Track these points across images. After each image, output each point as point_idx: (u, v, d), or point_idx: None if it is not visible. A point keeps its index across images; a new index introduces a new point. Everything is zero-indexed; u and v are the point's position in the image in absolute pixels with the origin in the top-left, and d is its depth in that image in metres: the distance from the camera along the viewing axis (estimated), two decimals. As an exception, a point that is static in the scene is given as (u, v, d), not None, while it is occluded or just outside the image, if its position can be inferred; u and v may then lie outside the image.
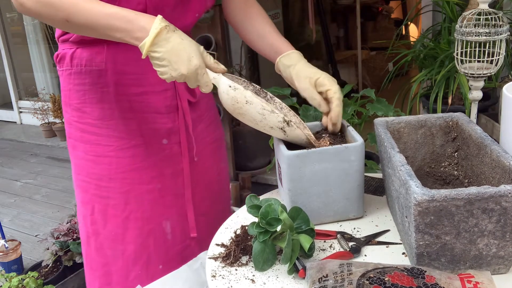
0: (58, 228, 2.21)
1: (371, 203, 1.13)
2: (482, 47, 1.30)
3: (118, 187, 1.14)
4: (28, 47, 5.11)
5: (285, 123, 0.94)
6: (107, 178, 1.13)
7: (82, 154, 1.14)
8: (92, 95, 1.10)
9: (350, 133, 1.05)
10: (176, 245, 1.21)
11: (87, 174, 1.15)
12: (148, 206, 1.16)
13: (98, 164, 1.13)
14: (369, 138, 1.64)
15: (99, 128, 1.12)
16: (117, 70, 1.08)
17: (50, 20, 0.96)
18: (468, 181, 1.01)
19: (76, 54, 1.09)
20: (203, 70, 0.93)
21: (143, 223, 1.16)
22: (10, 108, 5.29)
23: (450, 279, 0.76)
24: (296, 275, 0.89)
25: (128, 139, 1.12)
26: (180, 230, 1.21)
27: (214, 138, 1.29)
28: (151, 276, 1.17)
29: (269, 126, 0.96)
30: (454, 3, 2.31)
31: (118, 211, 1.15)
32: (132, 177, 1.14)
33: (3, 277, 2.03)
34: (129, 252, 1.16)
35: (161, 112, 1.14)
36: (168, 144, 1.16)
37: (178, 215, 1.21)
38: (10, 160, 4.19)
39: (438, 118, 1.07)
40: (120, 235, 1.16)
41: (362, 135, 1.05)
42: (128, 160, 1.13)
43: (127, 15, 0.91)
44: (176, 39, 0.90)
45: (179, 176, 1.19)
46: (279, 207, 0.90)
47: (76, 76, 1.10)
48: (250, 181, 2.95)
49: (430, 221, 0.77)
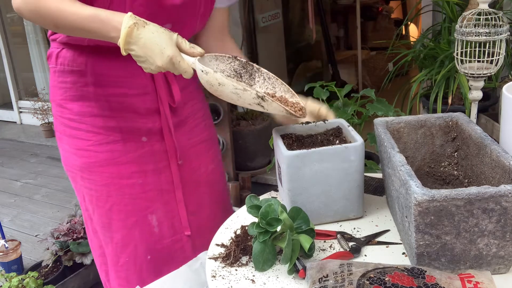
0: (58, 228, 2.21)
1: (371, 203, 1.13)
2: (482, 47, 1.30)
3: (99, 180, 1.18)
4: (28, 47, 5.10)
5: (260, 98, 0.94)
6: (87, 171, 1.18)
7: (67, 146, 1.20)
8: (73, 93, 1.15)
9: (350, 133, 1.05)
10: (165, 239, 1.24)
11: (72, 166, 1.20)
12: (130, 200, 1.19)
13: (79, 157, 1.18)
14: (369, 138, 1.64)
15: (79, 123, 1.16)
16: (97, 72, 1.12)
17: (44, 25, 1.03)
18: (468, 181, 1.01)
19: (61, 53, 1.14)
20: (178, 58, 0.94)
21: (126, 215, 1.20)
22: (10, 108, 5.29)
23: (450, 279, 0.76)
24: (296, 275, 0.89)
25: (105, 134, 1.16)
26: (168, 224, 1.24)
27: (200, 140, 1.29)
28: (139, 265, 1.22)
29: (247, 103, 0.97)
30: (454, 3, 2.31)
31: (101, 202, 1.19)
32: (111, 171, 1.17)
33: (3, 277, 2.03)
34: (116, 239, 1.21)
35: (141, 113, 1.17)
36: (148, 141, 1.19)
37: (164, 210, 1.23)
38: (10, 160, 4.19)
39: (438, 118, 1.07)
40: (107, 224, 1.21)
41: (362, 135, 1.05)
42: (106, 155, 1.16)
43: (102, 16, 0.95)
44: (146, 34, 0.92)
45: (162, 173, 1.21)
46: (279, 207, 0.90)
47: (59, 74, 1.15)
48: (250, 181, 2.95)
49: (430, 221, 0.77)
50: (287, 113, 0.98)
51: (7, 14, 5.14)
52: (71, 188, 1.29)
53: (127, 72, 1.13)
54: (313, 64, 4.46)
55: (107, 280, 1.29)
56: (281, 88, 1.06)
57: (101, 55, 1.11)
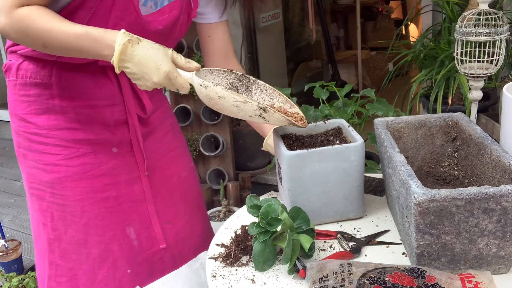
0: (58, 228, 2.21)
1: (371, 203, 1.13)
2: (482, 47, 1.30)
3: (72, 195, 1.13)
4: (28, 47, 5.10)
5: (261, 110, 0.94)
6: (59, 186, 1.12)
7: (32, 163, 1.14)
8: (37, 106, 1.10)
9: (350, 133, 1.05)
10: (145, 251, 1.20)
11: (40, 182, 1.14)
12: (106, 214, 1.15)
13: (48, 173, 1.12)
14: (369, 138, 1.64)
15: (45, 138, 1.11)
16: (63, 84, 1.09)
17: (32, 46, 1.00)
18: (468, 181, 1.01)
19: (22, 65, 1.10)
20: (174, 74, 0.94)
21: (103, 229, 1.15)
22: (10, 108, 5.28)
23: (451, 279, 0.76)
24: (296, 275, 0.89)
25: (75, 148, 1.12)
26: (146, 236, 1.20)
27: (171, 148, 1.27)
28: (119, 280, 1.17)
29: (248, 115, 0.96)
30: (454, 3, 2.31)
31: (76, 218, 1.14)
32: (85, 186, 1.13)
33: (3, 277, 2.03)
34: (94, 255, 1.16)
35: (110, 125, 1.14)
36: (119, 152, 1.16)
37: (141, 221, 1.20)
38: (10, 160, 4.19)
39: (438, 118, 1.07)
40: (82, 240, 1.15)
41: (362, 135, 1.05)
42: (78, 169, 1.12)
43: (94, 34, 0.92)
44: (141, 51, 0.91)
45: (135, 183, 1.18)
46: (279, 207, 0.90)
47: (20, 87, 1.11)
48: (250, 181, 2.95)
49: (430, 221, 0.77)
50: (289, 123, 0.98)
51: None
52: None
53: (94, 83, 1.10)
54: (313, 64, 4.46)
55: None
56: (279, 99, 1.06)
57: (66, 66, 1.08)
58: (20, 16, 0.93)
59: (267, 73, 3.80)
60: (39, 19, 0.93)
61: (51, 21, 0.93)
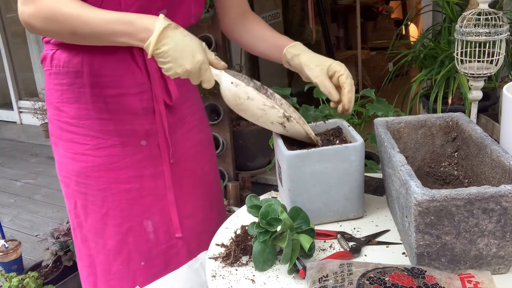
0: (58, 228, 2.21)
1: (371, 203, 1.13)
2: (482, 47, 1.30)
3: (95, 185, 1.15)
4: (28, 47, 5.11)
5: (285, 118, 0.95)
6: (84, 176, 1.15)
7: (62, 151, 1.17)
8: (69, 95, 1.12)
9: (350, 133, 1.05)
10: (160, 245, 1.21)
11: (67, 171, 1.17)
12: (127, 205, 1.17)
13: (76, 162, 1.15)
14: (369, 138, 1.64)
15: (76, 127, 1.14)
16: (94, 72, 1.10)
17: (58, 35, 1.00)
18: (468, 181, 1.01)
19: (55, 55, 1.12)
20: (206, 66, 0.94)
21: (122, 220, 1.17)
22: (10, 108, 5.29)
23: (451, 279, 0.76)
24: (296, 275, 0.89)
25: (103, 139, 1.14)
26: (164, 230, 1.21)
27: (197, 142, 1.28)
28: (133, 273, 1.19)
29: (270, 121, 0.96)
30: (454, 3, 2.31)
31: (96, 207, 1.17)
32: (109, 176, 1.15)
33: (3, 277, 2.03)
34: (109, 246, 1.18)
35: (138, 114, 1.15)
36: (147, 145, 1.17)
37: (160, 215, 1.21)
38: (10, 160, 4.19)
39: (438, 118, 1.07)
40: (100, 230, 1.18)
41: (362, 135, 1.05)
42: (104, 159, 1.14)
43: (129, 18, 0.93)
44: (179, 36, 0.92)
45: (159, 177, 1.19)
46: (279, 207, 0.90)
47: (55, 76, 1.13)
48: (250, 181, 2.95)
49: (430, 221, 0.77)
50: (306, 137, 0.98)
51: (7, 14, 5.14)
52: None
53: (123, 70, 1.11)
54: (313, 64, 4.46)
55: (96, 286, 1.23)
56: (294, 115, 1.06)
57: (97, 54, 1.09)
58: (47, 2, 0.94)
59: (267, 73, 3.80)
60: (68, 4, 0.94)
61: (81, 6, 0.94)
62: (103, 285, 1.21)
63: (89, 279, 1.23)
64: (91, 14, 0.94)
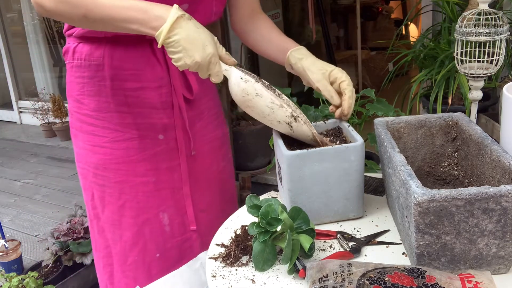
0: (58, 228, 2.21)
1: (371, 203, 1.13)
2: (482, 47, 1.30)
3: (113, 177, 1.17)
4: (28, 47, 5.11)
5: (293, 118, 0.95)
6: (102, 168, 1.17)
7: (81, 143, 1.19)
8: (90, 87, 1.14)
9: (350, 133, 1.05)
10: (175, 237, 1.24)
11: (85, 162, 1.20)
12: (143, 197, 1.19)
13: (94, 154, 1.17)
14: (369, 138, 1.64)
15: (95, 120, 1.16)
16: (114, 65, 1.11)
17: (69, 18, 0.99)
18: (468, 181, 1.01)
19: (77, 48, 1.14)
20: (216, 59, 0.95)
21: (138, 212, 1.19)
22: (10, 108, 5.29)
23: (451, 279, 0.76)
24: (296, 275, 0.89)
25: (122, 132, 1.15)
26: (179, 223, 1.24)
27: (214, 137, 1.30)
28: (148, 264, 1.22)
29: (277, 120, 0.96)
30: (454, 3, 2.31)
31: (113, 199, 1.19)
32: (126, 169, 1.17)
33: (3, 277, 2.03)
34: (126, 237, 1.20)
35: (157, 108, 1.16)
36: (165, 139, 1.18)
37: (176, 208, 1.23)
38: (10, 160, 4.19)
39: (438, 118, 1.07)
40: (117, 221, 1.20)
41: (362, 135, 1.05)
42: (122, 152, 1.16)
43: (143, 5, 0.94)
44: (191, 27, 0.93)
45: (176, 171, 1.21)
46: (279, 207, 0.90)
47: (76, 69, 1.15)
48: (250, 181, 2.95)
49: (430, 221, 0.77)
50: (312, 139, 0.98)
51: (7, 14, 5.14)
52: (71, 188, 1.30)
53: (143, 64, 1.12)
54: (313, 64, 4.46)
55: (111, 283, 1.26)
56: (301, 116, 1.06)
57: (118, 47, 1.11)
58: None
59: (267, 73, 3.80)
60: None
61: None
62: (119, 275, 1.23)
63: (106, 270, 1.25)
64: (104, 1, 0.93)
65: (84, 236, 2.20)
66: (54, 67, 5.16)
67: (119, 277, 1.24)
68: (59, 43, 4.99)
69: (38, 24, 5.02)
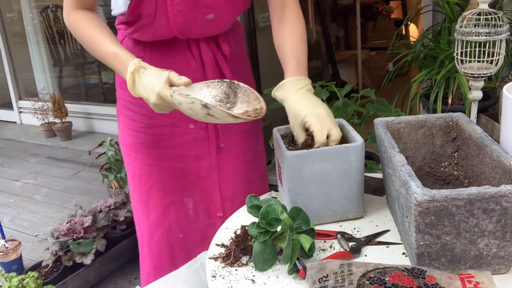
0: (58, 228, 2.21)
1: (371, 203, 1.13)
2: (482, 47, 1.30)
3: (143, 159, 1.29)
4: (28, 47, 5.10)
5: (205, 108, 0.95)
6: (135, 150, 1.30)
7: (122, 125, 1.33)
8: None
9: (350, 133, 1.05)
10: (199, 222, 1.33)
11: (124, 144, 1.33)
12: (169, 181, 1.29)
13: (130, 137, 1.30)
14: (369, 138, 1.64)
15: (134, 106, 1.27)
16: (153, 58, 1.20)
17: None
18: (468, 181, 1.01)
19: (124, 41, 1.26)
20: (165, 93, 1.00)
21: (164, 194, 1.30)
22: (10, 108, 5.29)
23: (451, 279, 0.76)
24: (296, 275, 0.89)
25: (156, 119, 1.25)
26: (203, 210, 1.33)
27: (242, 129, 1.33)
28: (172, 243, 1.33)
29: (201, 116, 0.97)
30: (454, 3, 2.31)
31: (143, 180, 1.31)
32: (156, 153, 1.28)
33: (3, 277, 2.03)
34: (152, 218, 1.32)
35: None
36: (195, 129, 1.27)
37: (200, 195, 1.32)
38: (10, 160, 4.19)
39: (438, 118, 1.07)
40: (145, 201, 1.32)
41: (362, 135, 1.05)
42: (153, 137, 1.27)
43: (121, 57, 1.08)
44: (144, 78, 1.03)
45: (202, 159, 1.29)
46: (279, 207, 0.90)
47: None
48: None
49: (430, 221, 0.77)
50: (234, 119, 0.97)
51: (7, 14, 5.14)
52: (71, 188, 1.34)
53: (180, 58, 1.21)
54: (313, 64, 4.46)
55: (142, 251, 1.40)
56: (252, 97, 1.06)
57: (156, 44, 1.20)
58: (73, 22, 1.14)
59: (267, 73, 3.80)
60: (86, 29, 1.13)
61: (95, 35, 1.12)
62: (146, 250, 1.37)
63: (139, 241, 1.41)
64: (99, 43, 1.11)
65: (84, 236, 2.20)
66: (54, 67, 5.16)
67: (145, 253, 1.36)
68: (59, 43, 4.99)
69: (38, 24, 5.02)
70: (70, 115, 4.53)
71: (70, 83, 5.37)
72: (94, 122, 4.66)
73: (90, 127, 4.70)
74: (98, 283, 2.30)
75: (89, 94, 5.13)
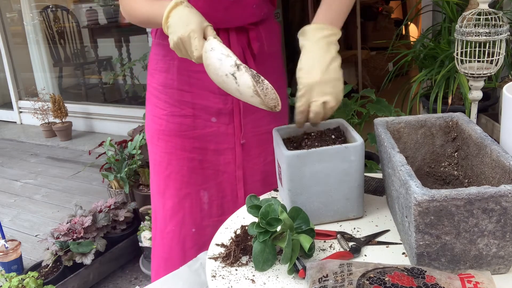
0: (58, 228, 2.21)
1: (371, 203, 1.13)
2: (482, 47, 1.30)
3: (163, 147, 1.30)
4: (28, 47, 5.11)
5: (236, 67, 0.95)
6: (157, 137, 1.32)
7: (148, 112, 1.35)
8: (162, 64, 1.28)
9: (350, 133, 1.05)
10: (212, 217, 1.33)
11: (148, 131, 1.36)
12: (187, 172, 1.30)
13: (154, 123, 1.32)
14: (369, 138, 1.64)
15: (160, 93, 1.29)
16: None
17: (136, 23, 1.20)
18: (468, 181, 1.01)
19: (158, 30, 1.28)
20: (195, 35, 0.99)
21: (181, 185, 1.31)
22: (10, 108, 5.29)
23: (450, 279, 0.76)
24: (296, 275, 0.89)
25: (179, 108, 1.27)
26: (217, 204, 1.33)
27: (266, 130, 1.32)
28: (184, 236, 1.33)
29: (225, 74, 0.97)
30: (454, 3, 2.32)
31: (161, 169, 1.32)
32: (176, 142, 1.29)
33: (3, 277, 2.03)
34: (167, 207, 1.33)
35: (215, 92, 1.24)
36: (216, 123, 1.28)
37: (217, 190, 1.32)
38: (10, 160, 4.19)
39: (438, 118, 1.07)
40: (162, 190, 1.33)
41: (362, 135, 1.05)
42: (175, 126, 1.28)
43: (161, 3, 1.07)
44: (183, 11, 1.01)
45: (222, 154, 1.30)
46: (279, 207, 0.90)
47: (155, 47, 1.31)
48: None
49: (430, 221, 0.77)
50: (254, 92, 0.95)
51: (7, 14, 5.14)
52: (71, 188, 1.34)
53: None
54: (313, 64, 4.46)
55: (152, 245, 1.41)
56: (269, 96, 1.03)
57: None
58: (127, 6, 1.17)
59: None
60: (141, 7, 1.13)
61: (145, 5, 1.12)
62: (159, 240, 1.38)
63: (153, 232, 1.43)
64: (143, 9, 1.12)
65: (84, 236, 2.20)
66: (54, 67, 5.16)
67: (157, 243, 1.38)
68: (59, 43, 5.00)
69: (38, 24, 5.02)
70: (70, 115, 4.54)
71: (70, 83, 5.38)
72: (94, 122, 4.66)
73: (90, 127, 4.70)
74: (98, 283, 2.30)
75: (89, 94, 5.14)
